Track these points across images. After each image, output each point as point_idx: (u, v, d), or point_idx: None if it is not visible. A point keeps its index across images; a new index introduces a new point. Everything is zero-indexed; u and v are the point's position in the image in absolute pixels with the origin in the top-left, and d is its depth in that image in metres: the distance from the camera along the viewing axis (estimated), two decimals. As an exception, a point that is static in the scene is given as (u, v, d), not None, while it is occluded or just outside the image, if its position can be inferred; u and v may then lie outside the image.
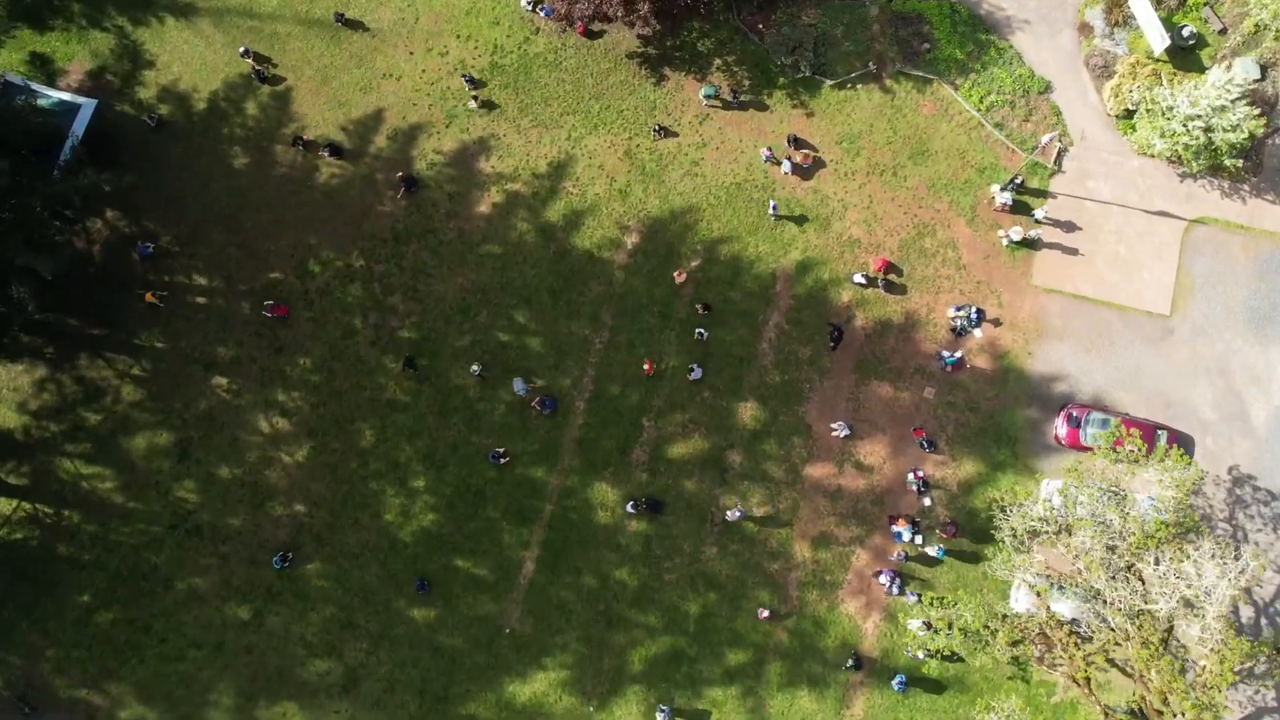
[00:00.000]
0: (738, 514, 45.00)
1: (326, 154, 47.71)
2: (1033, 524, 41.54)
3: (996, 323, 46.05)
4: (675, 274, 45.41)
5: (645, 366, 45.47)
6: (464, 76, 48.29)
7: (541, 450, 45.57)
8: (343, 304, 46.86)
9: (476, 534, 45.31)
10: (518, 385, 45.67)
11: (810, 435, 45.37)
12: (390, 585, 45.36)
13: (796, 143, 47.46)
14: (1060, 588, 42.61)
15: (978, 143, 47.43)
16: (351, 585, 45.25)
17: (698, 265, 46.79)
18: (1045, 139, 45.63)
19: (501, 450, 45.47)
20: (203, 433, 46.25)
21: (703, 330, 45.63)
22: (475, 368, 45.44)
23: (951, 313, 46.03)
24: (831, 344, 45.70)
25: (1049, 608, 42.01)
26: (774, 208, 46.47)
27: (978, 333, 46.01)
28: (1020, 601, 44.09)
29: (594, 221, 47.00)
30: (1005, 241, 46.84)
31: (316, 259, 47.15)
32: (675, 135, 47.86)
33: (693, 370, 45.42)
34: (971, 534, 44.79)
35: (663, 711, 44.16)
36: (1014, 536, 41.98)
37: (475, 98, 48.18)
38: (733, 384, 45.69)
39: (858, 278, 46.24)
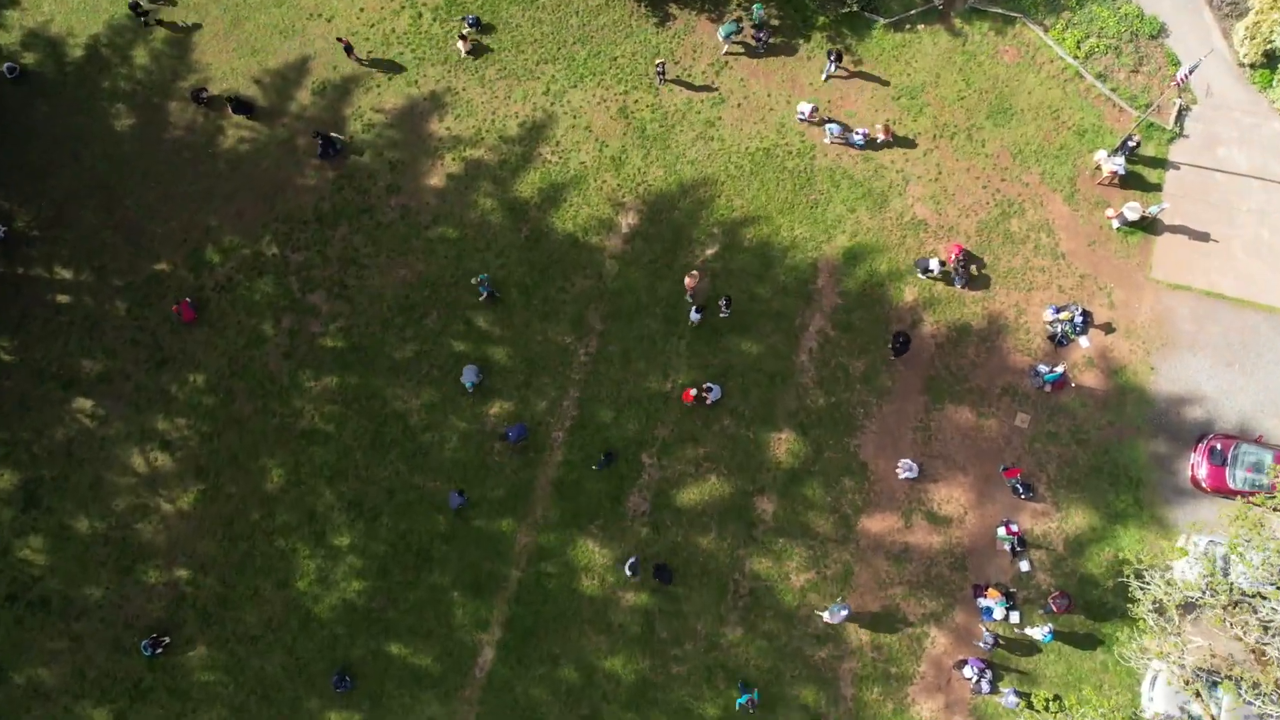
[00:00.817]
0: (842, 612, 33.10)
1: (234, 113, 37.84)
2: (1188, 594, 30.84)
3: (1108, 328, 35.72)
4: (687, 279, 34.98)
5: (685, 396, 34.56)
6: (466, 19, 38.28)
7: (507, 497, 34.80)
8: (248, 303, 36.52)
9: (418, 609, 34.41)
10: (468, 375, 35.19)
11: (867, 476, 34.71)
12: (300, 679, 34.14)
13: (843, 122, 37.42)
14: (1215, 683, 33.17)
15: (1074, 98, 37.52)
16: (247, 679, 34.11)
17: (715, 253, 36.49)
18: (1184, 71, 34.93)
19: (461, 492, 34.82)
20: (57, 472, 35.39)
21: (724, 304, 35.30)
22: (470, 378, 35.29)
23: (1049, 315, 35.73)
24: (893, 352, 35.44)
25: (1212, 716, 31.25)
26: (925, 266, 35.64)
27: (1084, 341, 35.61)
28: (1158, 701, 32.88)
29: (579, 198, 37.00)
30: (1116, 223, 36.63)
31: (216, 245, 36.90)
32: (685, 87, 38.09)
33: (710, 390, 34.98)
34: (1085, 608, 34.14)
35: None
36: (1158, 612, 31.45)
37: (464, 38, 38.10)
38: (762, 408, 35.18)
39: (931, 264, 35.76)
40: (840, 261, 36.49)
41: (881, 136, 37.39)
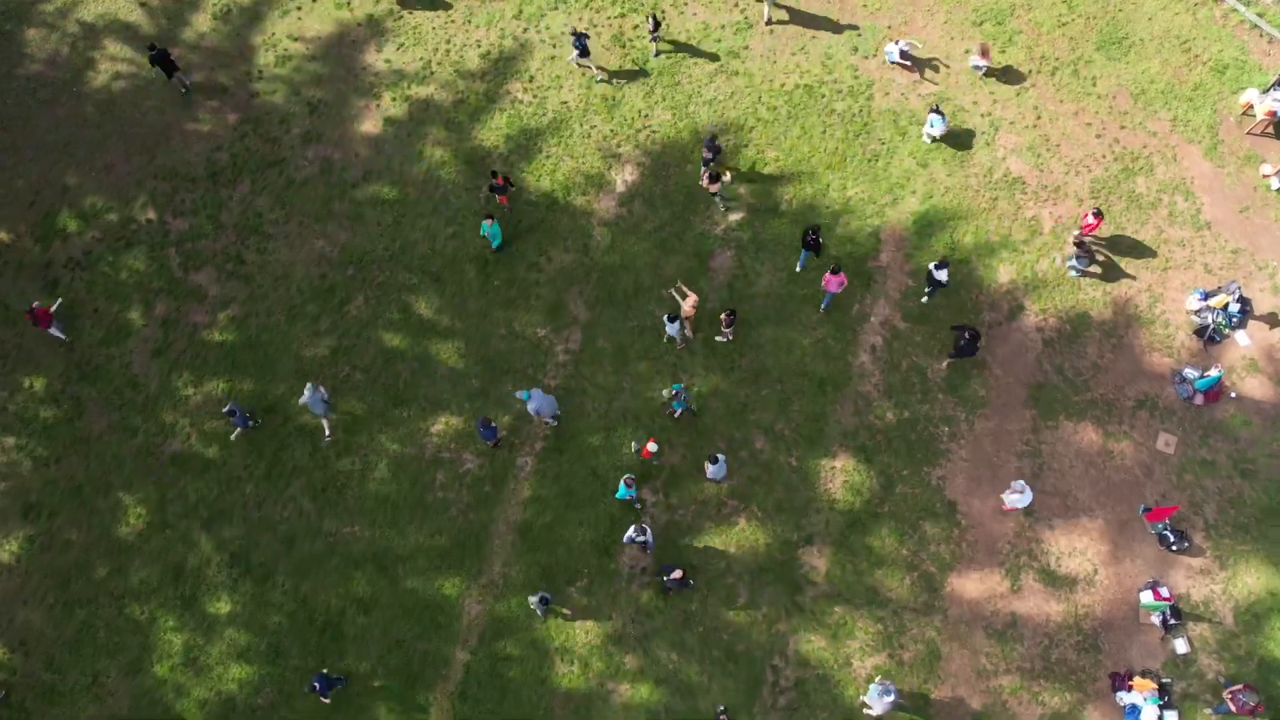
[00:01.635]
0: (888, 699, 23.16)
1: (108, 42, 29.55)
2: None
3: (1274, 320, 26.76)
4: (685, 306, 25.16)
5: (644, 452, 25.61)
6: None
7: (453, 548, 25.10)
8: (112, 284, 27.57)
9: (325, 708, 24.39)
10: (308, 396, 24.82)
11: (956, 520, 25.10)
12: (149, 810, 25.44)
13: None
14: None
15: (1208, 26, 28.95)
16: (75, 809, 25.28)
17: (742, 220, 27.29)
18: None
19: (490, 426, 25.48)
20: None
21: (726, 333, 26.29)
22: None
23: (1194, 303, 26.56)
24: (955, 353, 25.50)
25: None
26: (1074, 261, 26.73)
27: (1242, 338, 26.39)
28: None
29: (559, 147, 28.28)
30: (1276, 183, 27.62)
31: (73, 209, 28.12)
32: (701, 7, 29.45)
33: (713, 462, 24.48)
34: (1271, 706, 23.96)
35: None
36: None
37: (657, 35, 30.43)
38: (809, 426, 25.74)
39: (1078, 260, 27.05)
40: (910, 231, 27.45)
41: (983, 61, 28.58)
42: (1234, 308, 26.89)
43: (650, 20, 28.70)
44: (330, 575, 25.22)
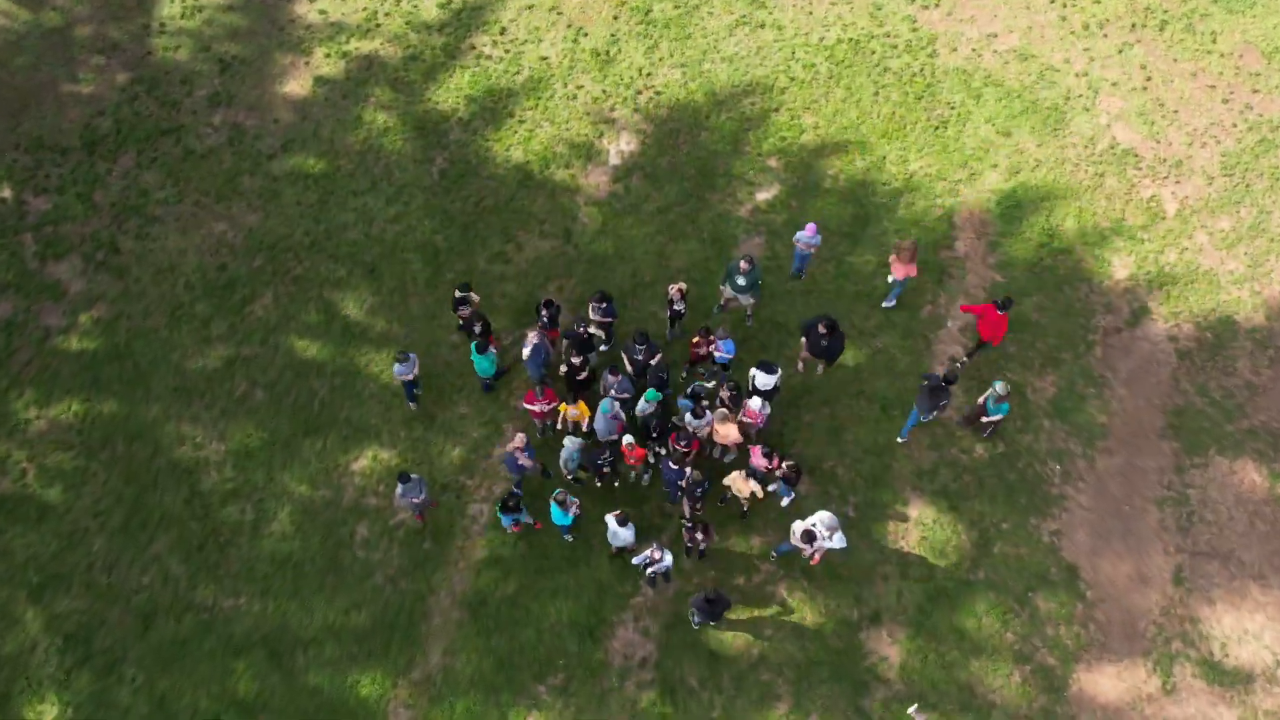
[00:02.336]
0: None
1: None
2: None
3: None
4: (672, 288, 19.33)
5: (636, 453, 17.95)
6: None
7: (376, 629, 17.93)
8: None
9: None
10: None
11: (1078, 589, 18.11)
12: None
13: None
14: None
15: (1353, -26, 25.37)
16: None
17: (773, 199, 21.13)
18: None
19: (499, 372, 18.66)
20: None
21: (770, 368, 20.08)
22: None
23: (1371, 304, 21.34)
24: (934, 405, 18.10)
25: None
26: None
27: None
28: None
29: (536, 111, 22.16)
30: None
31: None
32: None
33: (768, 371, 18.39)
34: None
35: None
36: None
37: None
38: (870, 463, 18.98)
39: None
40: (993, 214, 21.18)
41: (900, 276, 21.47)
42: None
43: None
44: (201, 666, 17.97)
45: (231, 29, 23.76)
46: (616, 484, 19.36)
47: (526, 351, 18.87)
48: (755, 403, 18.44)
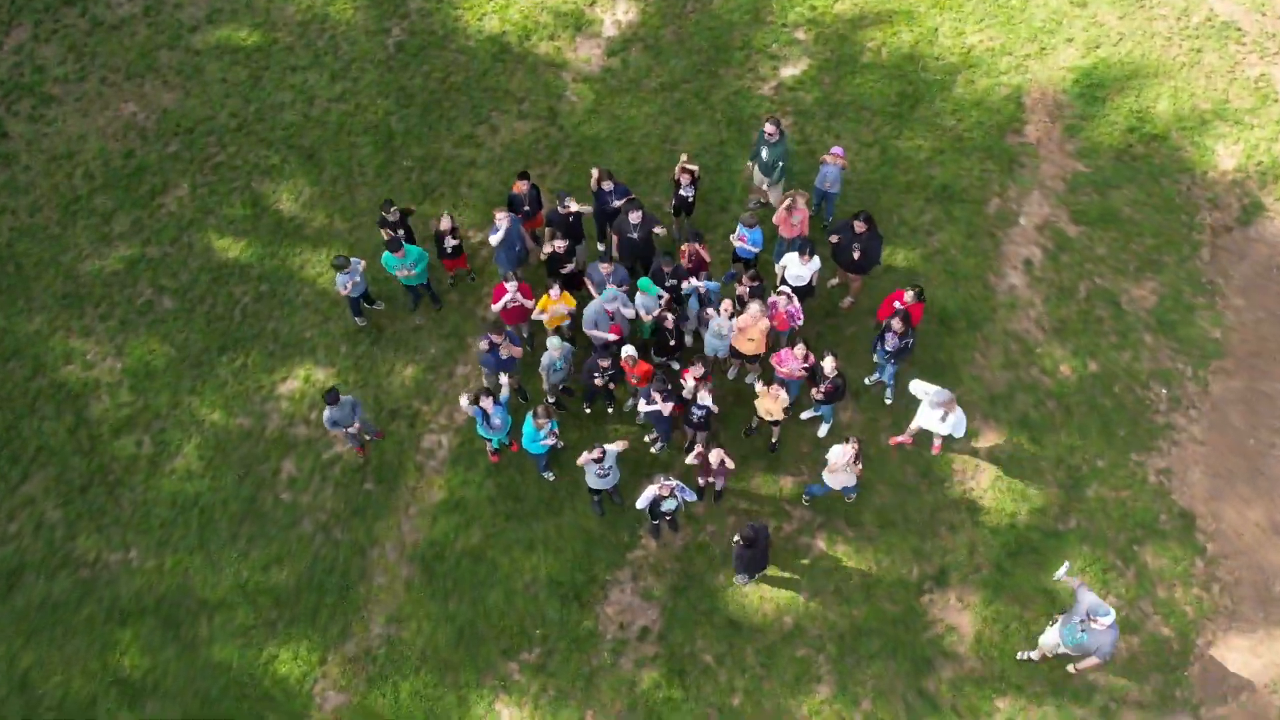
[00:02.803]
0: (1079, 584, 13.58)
1: None
2: None
3: None
4: (679, 171, 15.52)
5: (640, 368, 14.26)
6: None
7: (300, 589, 14.03)
8: None
9: None
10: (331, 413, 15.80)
11: (1195, 541, 14.14)
12: None
13: None
14: None
15: None
16: None
17: (801, 75, 17.35)
18: None
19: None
20: None
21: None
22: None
23: None
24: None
25: None
26: None
27: None
28: None
29: None
30: None
31: None
32: None
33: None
34: None
35: None
36: None
37: None
38: (935, 382, 14.45)
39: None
40: (1070, 94, 17.28)
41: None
42: None
43: None
44: (77, 636, 14.10)
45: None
46: (611, 408, 15.52)
47: (495, 237, 15.00)
48: (782, 300, 14.63)
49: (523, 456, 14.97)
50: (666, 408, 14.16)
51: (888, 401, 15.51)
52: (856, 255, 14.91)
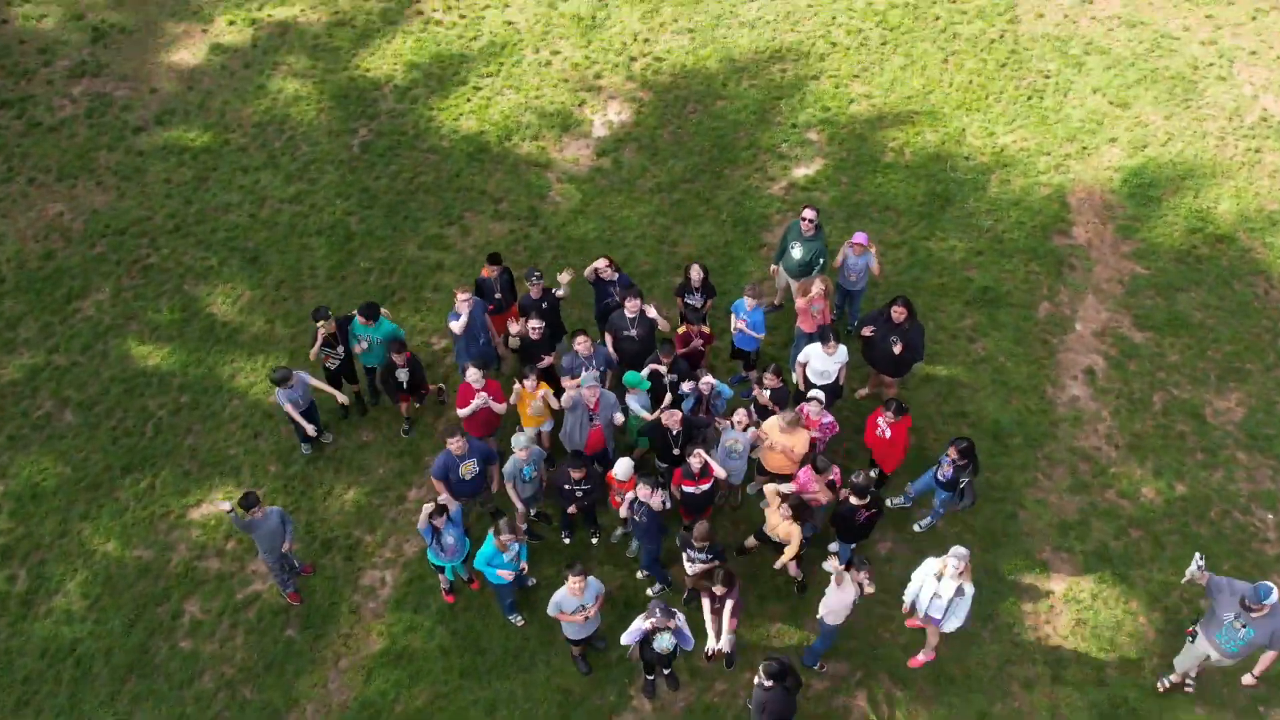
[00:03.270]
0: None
1: None
2: None
3: None
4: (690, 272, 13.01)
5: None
6: None
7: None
8: None
9: None
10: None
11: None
12: None
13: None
14: None
15: None
16: None
17: (815, 174, 15.40)
18: None
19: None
20: None
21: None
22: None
23: None
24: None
25: None
26: None
27: None
28: None
29: (496, 79, 16.54)
30: None
31: None
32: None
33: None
34: None
35: None
36: None
37: None
38: (984, 511, 12.40)
39: None
40: (1119, 194, 15.31)
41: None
42: None
43: None
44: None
45: (115, -2, 19.80)
46: (595, 537, 12.62)
47: (456, 324, 12.53)
48: (814, 408, 11.92)
49: (486, 598, 12.04)
50: (657, 499, 11.20)
51: (917, 529, 12.67)
52: (897, 350, 12.40)
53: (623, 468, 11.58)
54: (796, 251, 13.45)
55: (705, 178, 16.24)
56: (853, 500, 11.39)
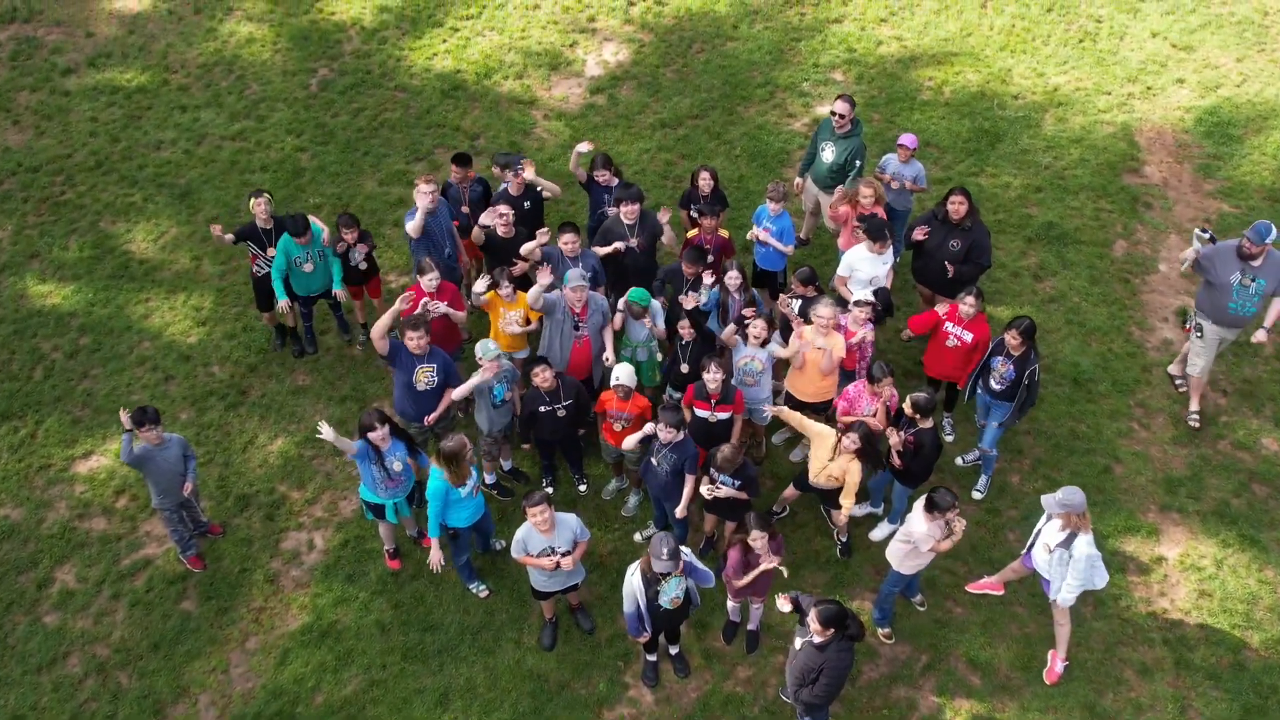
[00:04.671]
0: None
1: None
2: None
3: None
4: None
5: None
6: None
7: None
8: None
9: None
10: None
11: None
12: None
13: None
14: None
15: None
16: None
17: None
18: None
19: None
20: None
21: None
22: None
23: None
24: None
25: None
26: None
27: None
28: None
29: (479, 20, 14.45)
30: None
31: None
32: None
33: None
34: None
35: None
36: None
37: None
38: (1071, 463, 9.90)
39: None
40: (1194, 134, 13.07)
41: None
42: None
43: None
44: None
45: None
46: (583, 485, 10.01)
47: (412, 223, 10.03)
48: (857, 312, 9.38)
49: (443, 565, 8.94)
50: (666, 436, 8.60)
51: (977, 495, 9.92)
52: (956, 249, 10.04)
53: (624, 371, 9.07)
54: (828, 153, 11.04)
55: (716, 114, 13.95)
56: (908, 409, 8.80)
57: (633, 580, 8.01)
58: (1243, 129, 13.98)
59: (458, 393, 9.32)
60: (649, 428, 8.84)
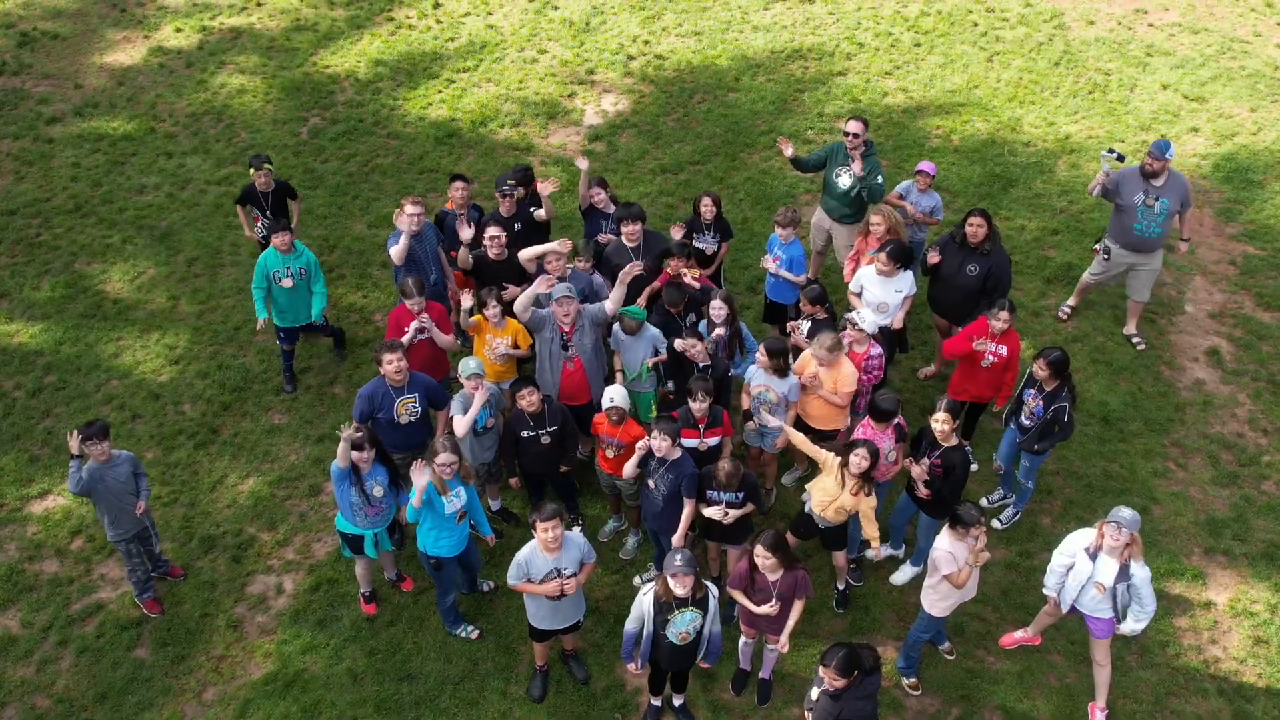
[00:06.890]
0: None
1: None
2: None
3: None
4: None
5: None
6: None
7: None
8: None
9: None
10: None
11: None
12: None
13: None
14: None
15: None
16: None
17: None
18: None
19: None
20: None
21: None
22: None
23: None
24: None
25: None
26: None
27: None
28: None
29: (476, 73, 14.26)
30: None
31: None
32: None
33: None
34: None
35: None
36: None
37: None
38: (1107, 503, 8.88)
39: None
40: (1212, 180, 12.64)
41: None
42: None
43: None
44: None
45: (54, 10, 16.67)
46: (580, 523, 9.30)
47: (395, 249, 9.51)
48: (863, 324, 8.74)
49: (421, 609, 8.50)
50: (661, 447, 7.89)
51: (999, 525, 9.22)
52: (974, 273, 9.50)
53: (618, 392, 8.35)
54: (844, 179, 10.49)
55: (718, 160, 13.61)
56: (939, 426, 8.02)
57: (644, 600, 7.25)
58: (1263, 175, 13.60)
59: (460, 427, 8.40)
60: (645, 443, 8.09)
